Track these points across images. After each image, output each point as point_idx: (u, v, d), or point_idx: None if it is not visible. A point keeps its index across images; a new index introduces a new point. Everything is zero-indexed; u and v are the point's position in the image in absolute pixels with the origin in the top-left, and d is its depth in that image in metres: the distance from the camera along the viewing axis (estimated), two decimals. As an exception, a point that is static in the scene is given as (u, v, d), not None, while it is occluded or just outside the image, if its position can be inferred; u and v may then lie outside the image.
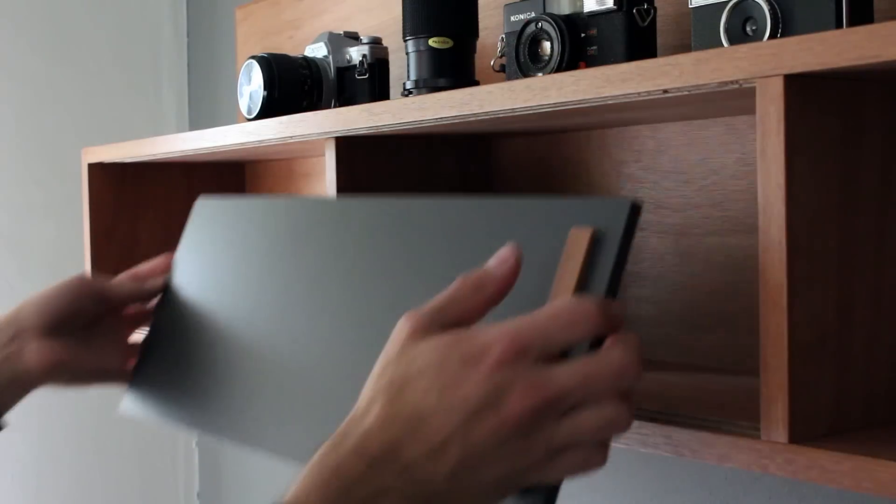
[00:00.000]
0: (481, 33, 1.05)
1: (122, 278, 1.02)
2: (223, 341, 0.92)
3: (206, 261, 0.98)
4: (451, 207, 0.76)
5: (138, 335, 1.03)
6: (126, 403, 1.00)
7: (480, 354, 0.58)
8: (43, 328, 0.94)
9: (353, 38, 1.18)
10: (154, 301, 1.02)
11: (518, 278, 0.64)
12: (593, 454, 0.59)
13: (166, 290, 1.01)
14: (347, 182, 1.02)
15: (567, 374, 0.58)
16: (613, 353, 0.59)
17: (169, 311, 1.00)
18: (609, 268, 0.63)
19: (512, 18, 0.95)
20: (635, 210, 0.64)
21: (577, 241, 0.64)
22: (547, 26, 0.89)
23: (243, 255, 0.94)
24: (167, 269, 1.02)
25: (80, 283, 0.98)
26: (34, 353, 0.93)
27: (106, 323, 0.99)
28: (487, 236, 0.72)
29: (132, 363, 1.01)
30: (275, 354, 0.87)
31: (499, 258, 0.64)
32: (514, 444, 0.57)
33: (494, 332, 0.59)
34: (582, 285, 0.63)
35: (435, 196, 0.79)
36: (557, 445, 0.58)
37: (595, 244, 0.64)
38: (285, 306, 0.87)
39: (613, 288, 0.63)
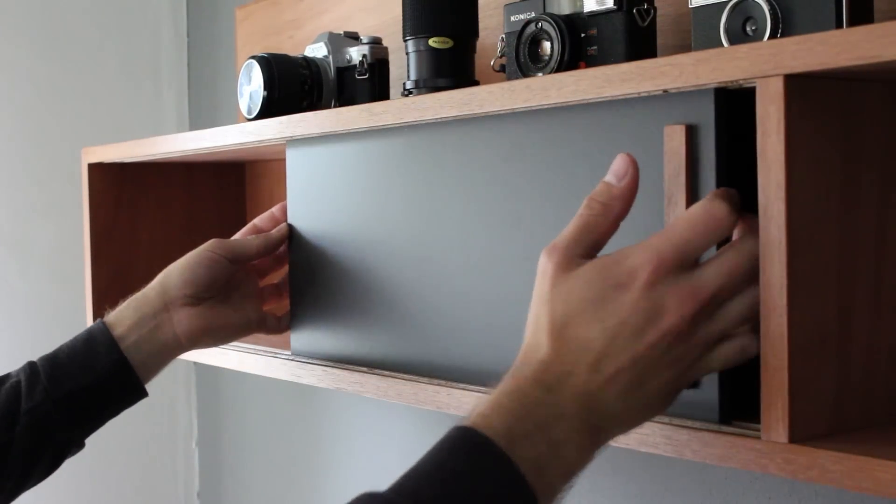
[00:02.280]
0: (481, 33, 1.05)
1: (247, 233, 1.09)
2: (368, 275, 0.97)
3: (321, 202, 1.03)
4: (535, 122, 0.79)
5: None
6: (295, 345, 1.07)
7: (630, 278, 0.62)
8: (189, 298, 1.00)
9: (353, 38, 1.18)
10: (280, 248, 1.08)
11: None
12: (747, 342, 0.64)
13: (293, 236, 1.06)
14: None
15: (713, 274, 0.62)
16: (748, 242, 0.64)
17: (305, 255, 1.05)
18: (713, 158, 0.66)
19: (512, 18, 0.95)
20: (723, 97, 0.66)
21: (674, 138, 0.68)
22: (547, 26, 0.89)
23: (356, 192, 0.98)
24: (284, 216, 1.08)
25: (215, 247, 1.03)
26: (184, 322, 0.99)
27: (238, 278, 1.05)
28: (583, 145, 0.76)
29: (267, 307, 1.08)
30: (420, 282, 0.91)
31: (617, 173, 0.66)
32: (677, 350, 0.62)
33: (639, 255, 0.62)
34: (692, 180, 0.67)
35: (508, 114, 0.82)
36: (714, 338, 0.63)
37: (692, 137, 0.67)
38: (418, 235, 0.92)
39: (722, 177, 0.66)
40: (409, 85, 1.02)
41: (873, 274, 0.67)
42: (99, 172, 1.41)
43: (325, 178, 1.03)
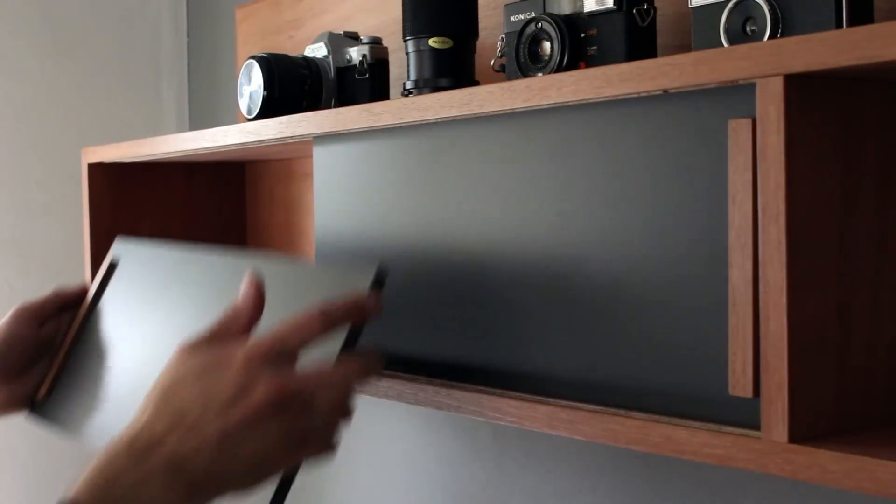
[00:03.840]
0: (481, 33, 1.05)
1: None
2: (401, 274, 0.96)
3: (347, 200, 1.02)
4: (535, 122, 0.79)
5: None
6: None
7: (230, 359, 0.73)
8: (4, 374, 1.09)
9: (353, 38, 1.18)
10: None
11: (684, 178, 0.69)
12: (325, 454, 0.75)
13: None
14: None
15: (303, 375, 0.73)
16: (345, 365, 0.76)
17: (331, 255, 1.05)
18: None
19: (512, 18, 0.95)
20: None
21: (740, 132, 0.65)
22: (547, 26, 0.89)
23: (373, 190, 0.98)
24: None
25: (22, 316, 1.10)
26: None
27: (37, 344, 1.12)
28: (635, 140, 0.73)
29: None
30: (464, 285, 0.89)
31: (243, 294, 0.78)
32: (264, 426, 0.71)
33: (244, 343, 0.74)
34: (756, 174, 0.65)
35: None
36: (301, 430, 0.73)
37: (755, 131, 0.64)
38: (424, 234, 0.91)
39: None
40: (409, 85, 1.02)
41: (873, 274, 0.67)
42: (99, 172, 1.41)
43: (349, 177, 1.01)
